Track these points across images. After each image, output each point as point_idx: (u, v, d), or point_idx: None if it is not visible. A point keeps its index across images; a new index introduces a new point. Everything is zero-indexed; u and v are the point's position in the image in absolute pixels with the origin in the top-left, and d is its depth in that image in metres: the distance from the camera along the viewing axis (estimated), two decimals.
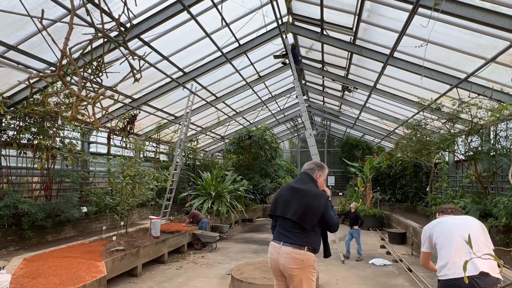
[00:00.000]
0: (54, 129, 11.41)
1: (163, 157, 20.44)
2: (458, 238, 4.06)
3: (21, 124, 10.67)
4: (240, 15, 11.77)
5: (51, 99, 10.77)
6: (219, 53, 13.51)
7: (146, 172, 11.65)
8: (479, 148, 12.51)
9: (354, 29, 11.61)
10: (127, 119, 14.95)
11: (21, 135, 10.62)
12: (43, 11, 3.24)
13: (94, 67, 3.70)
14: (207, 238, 13.61)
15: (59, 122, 11.44)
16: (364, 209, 19.22)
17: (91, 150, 14.65)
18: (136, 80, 3.66)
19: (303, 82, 21.17)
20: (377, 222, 18.79)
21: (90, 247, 9.84)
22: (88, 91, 4.44)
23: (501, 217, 9.87)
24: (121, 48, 7.15)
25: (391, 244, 15.00)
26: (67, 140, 12.46)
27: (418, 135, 15.42)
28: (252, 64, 15.66)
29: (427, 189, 19.05)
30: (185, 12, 9.82)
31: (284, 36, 13.43)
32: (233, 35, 12.63)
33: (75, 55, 3.52)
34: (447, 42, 10.14)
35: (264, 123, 24.64)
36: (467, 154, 13.43)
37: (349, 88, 17.76)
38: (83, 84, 3.23)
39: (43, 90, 9.97)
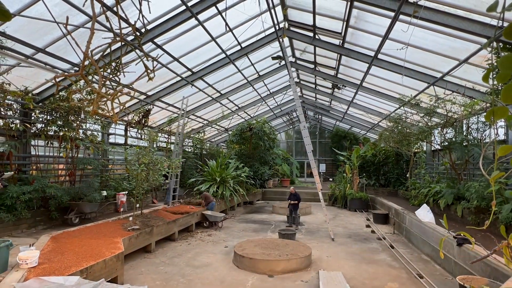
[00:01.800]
0: (78, 122, 11.43)
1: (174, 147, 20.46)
2: None
3: (48, 117, 10.70)
4: (242, 21, 11.73)
5: (74, 96, 10.79)
6: (223, 55, 13.51)
7: (159, 160, 11.68)
8: (453, 139, 12.55)
9: (342, 34, 11.57)
10: (142, 113, 14.98)
11: (48, 128, 10.65)
12: (67, 18, 3.25)
13: (112, 67, 3.72)
14: (214, 218, 13.69)
15: (82, 116, 11.47)
16: (351, 193, 19.32)
17: (110, 140, 14.66)
18: (150, 78, 3.68)
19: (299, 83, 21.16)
20: (363, 204, 18.86)
21: (109, 226, 9.91)
22: (107, 89, 4.46)
23: (473, 200, 9.94)
24: (137, 50, 7.14)
25: (375, 224, 15.07)
26: (89, 132, 12.51)
27: (399, 127, 15.49)
28: (252, 64, 15.63)
29: (407, 175, 19.11)
30: (193, 19, 9.82)
31: (281, 39, 13.40)
32: (236, 39, 12.60)
33: (96, 57, 3.54)
34: (425, 45, 10.13)
35: (263, 117, 24.64)
36: (442, 144, 13.45)
37: (338, 85, 17.76)
38: (103, 82, 3.25)
39: (67, 87, 9.96)
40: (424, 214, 11.01)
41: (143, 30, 9.13)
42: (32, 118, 10.36)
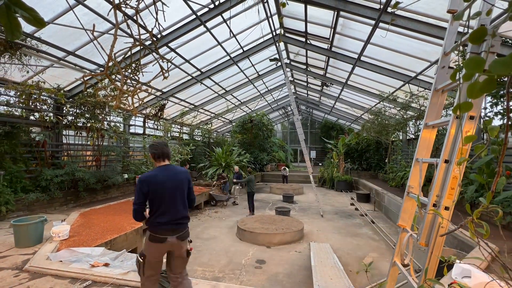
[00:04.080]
0: (103, 115, 11.41)
1: (185, 136, 20.47)
2: None
3: (77, 111, 10.68)
4: (244, 28, 11.64)
5: (100, 92, 10.74)
6: (228, 57, 13.45)
7: (173, 147, 11.68)
8: None
9: (330, 39, 11.49)
10: (158, 107, 14.93)
11: (77, 120, 10.64)
12: (94, 26, 3.24)
13: (133, 68, 3.72)
14: (220, 198, 13.74)
15: (107, 109, 11.45)
16: (338, 175, 19.36)
17: (130, 131, 14.65)
18: (165, 77, 3.67)
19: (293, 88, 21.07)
20: (347, 186, 18.91)
21: (130, 204, 9.94)
22: (128, 86, 4.46)
23: None
24: (153, 53, 7.10)
25: (358, 202, 15.13)
26: (112, 123, 12.50)
27: (379, 119, 15.49)
28: (253, 65, 15.55)
29: (386, 161, 19.13)
30: (202, 26, 9.75)
31: (277, 44, 13.32)
32: (238, 43, 12.51)
33: (119, 59, 3.53)
34: (400, 48, 10.05)
35: (262, 111, 24.60)
36: (416, 133, 13.45)
37: (327, 83, 17.67)
38: (124, 80, 3.25)
39: (94, 85, 9.94)
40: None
41: (159, 36, 9.06)
42: (64, 111, 10.37)
